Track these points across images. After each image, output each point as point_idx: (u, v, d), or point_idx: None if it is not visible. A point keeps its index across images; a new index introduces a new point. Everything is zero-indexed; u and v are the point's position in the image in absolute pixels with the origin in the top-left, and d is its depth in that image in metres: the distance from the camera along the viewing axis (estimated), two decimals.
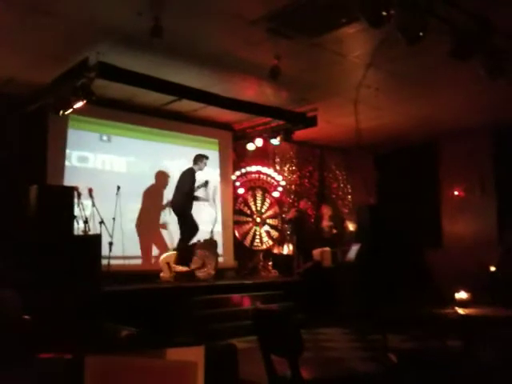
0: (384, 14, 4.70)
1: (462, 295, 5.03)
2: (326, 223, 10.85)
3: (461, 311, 4.73)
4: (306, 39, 6.38)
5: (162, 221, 9.42)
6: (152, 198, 9.38)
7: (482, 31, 5.22)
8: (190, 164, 9.09)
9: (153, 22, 5.61)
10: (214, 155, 10.12)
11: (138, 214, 9.15)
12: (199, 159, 9.00)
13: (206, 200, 9.38)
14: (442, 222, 11.26)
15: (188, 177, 8.89)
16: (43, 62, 6.98)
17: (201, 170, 8.98)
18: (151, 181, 9.45)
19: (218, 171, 10.37)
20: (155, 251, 9.25)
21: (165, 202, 9.41)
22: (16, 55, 6.80)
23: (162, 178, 9.52)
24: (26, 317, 4.14)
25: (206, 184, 9.01)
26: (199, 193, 9.07)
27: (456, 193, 11.03)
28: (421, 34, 4.89)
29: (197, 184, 8.95)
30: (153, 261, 9.14)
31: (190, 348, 1.14)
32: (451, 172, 11.14)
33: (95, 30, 6.12)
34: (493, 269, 8.77)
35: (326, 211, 11.02)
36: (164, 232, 9.39)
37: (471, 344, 4.58)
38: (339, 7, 5.54)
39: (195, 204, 9.04)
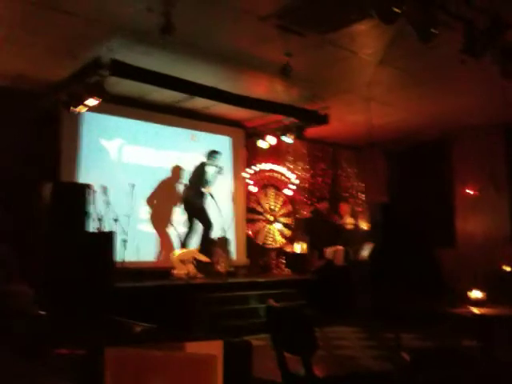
0: (396, 10, 4.67)
1: (476, 294, 4.97)
2: (348, 220, 10.88)
3: (476, 310, 4.69)
4: (317, 36, 6.35)
5: (174, 217, 9.47)
6: (165, 191, 9.43)
7: (494, 28, 5.17)
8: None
9: (163, 19, 5.63)
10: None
11: (151, 208, 9.21)
12: (212, 155, 9.07)
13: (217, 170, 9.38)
14: (454, 221, 11.17)
15: (200, 171, 8.95)
16: (54, 58, 7.02)
17: (213, 165, 9.05)
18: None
19: (230, 169, 10.38)
20: (167, 248, 9.28)
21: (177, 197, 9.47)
22: (27, 51, 6.84)
23: (177, 172, 9.57)
24: (42, 312, 4.19)
25: (220, 170, 9.06)
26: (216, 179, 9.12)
27: (469, 191, 10.94)
28: (433, 30, 4.86)
29: (212, 174, 9.03)
30: (165, 258, 9.16)
31: (209, 342, 1.15)
32: (464, 170, 11.05)
33: (106, 27, 6.14)
34: (506, 268, 8.70)
35: (346, 208, 11.07)
36: (173, 231, 9.42)
37: (488, 344, 4.54)
38: (350, 3, 5.51)
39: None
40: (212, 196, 9.20)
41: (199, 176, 8.93)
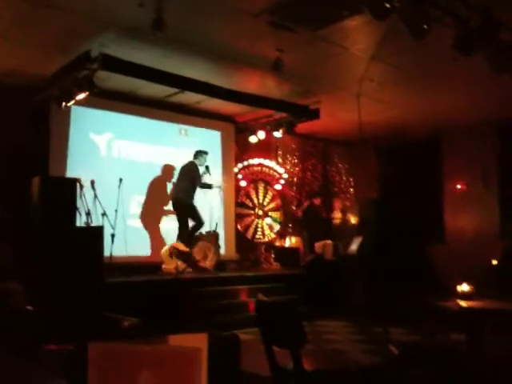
0: (388, 5, 4.68)
1: (463, 287, 5.00)
2: (338, 215, 10.99)
3: (463, 303, 4.72)
4: (309, 32, 6.34)
5: (164, 214, 9.45)
6: (156, 190, 9.41)
7: (486, 25, 5.18)
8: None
9: (154, 14, 5.60)
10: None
11: (142, 206, 9.18)
12: (200, 154, 9.05)
13: (217, 186, 9.37)
14: (444, 216, 11.24)
15: (191, 169, 8.92)
16: (46, 53, 6.98)
17: (201, 165, 9.02)
18: (156, 172, 9.48)
19: (220, 164, 10.37)
20: (157, 243, 9.26)
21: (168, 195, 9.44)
22: (19, 47, 6.80)
23: (167, 170, 9.54)
24: (29, 307, 4.17)
25: (207, 169, 9.03)
26: (205, 179, 9.07)
27: (458, 186, 11.00)
28: (425, 26, 4.87)
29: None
30: (154, 253, 9.15)
31: (193, 334, 1.15)
32: (455, 167, 11.10)
33: (97, 22, 6.11)
34: (495, 262, 8.78)
35: (338, 204, 11.18)
36: (163, 226, 9.39)
37: (475, 337, 4.58)
38: None
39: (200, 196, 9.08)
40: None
41: (188, 174, 8.90)
